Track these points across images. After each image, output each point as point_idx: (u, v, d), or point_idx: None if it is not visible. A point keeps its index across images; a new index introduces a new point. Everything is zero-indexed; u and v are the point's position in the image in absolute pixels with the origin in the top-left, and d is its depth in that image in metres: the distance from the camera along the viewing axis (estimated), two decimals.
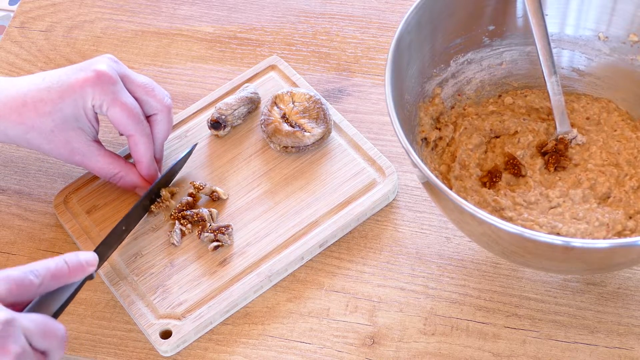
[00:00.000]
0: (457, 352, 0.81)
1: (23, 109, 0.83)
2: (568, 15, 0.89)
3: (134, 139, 0.86)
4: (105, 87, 0.83)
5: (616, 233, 0.81)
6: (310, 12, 1.05)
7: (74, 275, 0.75)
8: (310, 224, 0.87)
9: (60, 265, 0.73)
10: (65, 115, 0.84)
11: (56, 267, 0.73)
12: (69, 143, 0.85)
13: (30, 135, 0.84)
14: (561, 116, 0.88)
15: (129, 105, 0.85)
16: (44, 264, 0.72)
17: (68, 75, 0.84)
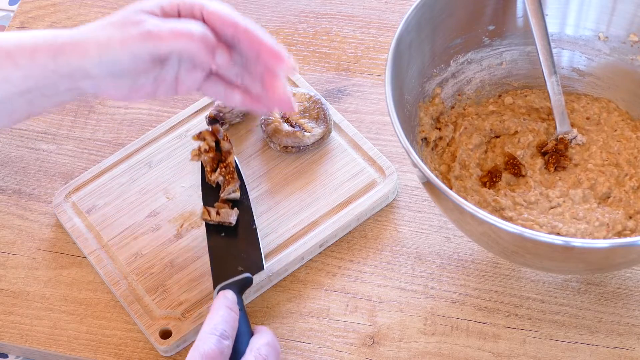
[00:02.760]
0: (457, 352, 0.81)
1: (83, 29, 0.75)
2: (568, 15, 0.89)
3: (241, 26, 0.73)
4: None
5: (616, 233, 0.81)
6: (310, 12, 1.05)
7: (236, 316, 0.78)
8: (310, 224, 0.87)
9: (230, 313, 0.77)
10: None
11: (230, 317, 0.76)
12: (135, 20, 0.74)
13: (102, 33, 0.74)
14: (561, 116, 0.88)
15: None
16: (220, 318, 0.76)
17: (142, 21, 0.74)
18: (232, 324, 0.75)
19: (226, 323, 0.75)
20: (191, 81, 0.77)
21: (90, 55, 0.73)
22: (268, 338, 0.76)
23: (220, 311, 0.76)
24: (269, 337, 0.77)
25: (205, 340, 0.73)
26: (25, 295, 0.87)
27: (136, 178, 0.91)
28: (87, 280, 0.87)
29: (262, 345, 0.75)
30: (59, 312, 0.85)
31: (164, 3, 0.75)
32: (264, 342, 0.76)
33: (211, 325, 0.74)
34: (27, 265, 0.88)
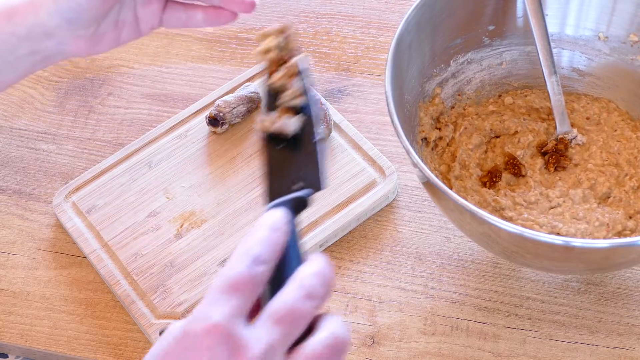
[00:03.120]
0: (457, 352, 0.81)
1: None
2: (568, 15, 0.89)
3: None
4: None
5: (616, 233, 0.81)
6: (310, 12, 1.05)
7: (284, 238, 0.59)
8: (310, 224, 0.87)
9: (273, 235, 0.58)
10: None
11: (272, 240, 0.58)
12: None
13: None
14: (561, 116, 0.88)
15: None
16: (259, 242, 0.57)
17: None
18: (273, 247, 0.58)
19: (265, 245, 0.58)
20: (150, 15, 0.77)
21: (45, 5, 0.72)
22: (318, 267, 0.58)
23: (260, 231, 0.58)
24: (320, 266, 0.58)
25: (234, 263, 0.56)
26: (25, 295, 0.87)
27: (136, 178, 0.91)
28: (87, 280, 0.87)
29: (309, 274, 0.57)
30: (59, 312, 0.85)
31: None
32: (312, 271, 0.57)
33: (245, 246, 0.57)
34: (27, 265, 0.88)
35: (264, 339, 0.53)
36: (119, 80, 1.01)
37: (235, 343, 0.52)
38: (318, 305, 0.56)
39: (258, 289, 0.55)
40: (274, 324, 0.54)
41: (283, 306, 0.54)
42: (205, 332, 0.52)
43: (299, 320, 0.54)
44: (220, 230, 0.88)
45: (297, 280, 0.56)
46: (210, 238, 0.87)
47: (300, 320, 0.55)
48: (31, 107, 0.99)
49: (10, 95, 1.00)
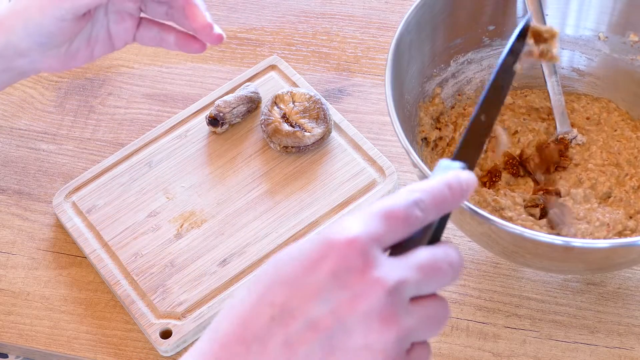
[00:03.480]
0: (457, 352, 0.81)
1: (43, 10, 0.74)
2: (568, 15, 0.89)
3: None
4: None
5: (616, 233, 0.81)
6: (310, 12, 1.05)
7: (455, 203, 0.57)
8: (310, 224, 0.87)
9: (444, 192, 0.56)
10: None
11: (441, 195, 0.56)
12: (97, 36, 0.77)
13: (19, 5, 0.74)
14: (561, 116, 0.88)
15: None
16: (428, 190, 0.55)
17: None
18: (438, 203, 0.55)
19: (432, 197, 0.55)
20: (124, 32, 0.78)
21: (15, 30, 0.73)
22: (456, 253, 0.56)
23: (437, 183, 0.56)
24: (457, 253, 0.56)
25: (396, 196, 0.55)
26: (25, 295, 0.87)
27: (136, 178, 0.91)
28: (87, 280, 0.87)
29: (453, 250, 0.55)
30: (59, 312, 0.85)
31: None
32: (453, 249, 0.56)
33: (415, 187, 0.56)
34: (27, 265, 0.88)
35: (398, 273, 0.52)
36: (119, 80, 1.01)
37: (370, 261, 0.52)
38: (451, 278, 0.55)
39: (406, 229, 0.54)
40: (412, 266, 0.53)
41: (428, 257, 0.54)
42: (346, 243, 0.52)
43: (435, 276, 0.54)
44: (220, 230, 0.88)
45: (443, 247, 0.55)
46: (210, 238, 0.87)
47: (436, 278, 0.54)
48: (31, 107, 0.99)
49: (10, 95, 1.00)
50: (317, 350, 0.51)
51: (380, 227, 0.53)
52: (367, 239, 0.52)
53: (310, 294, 0.51)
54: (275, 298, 0.52)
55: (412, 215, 0.54)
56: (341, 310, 0.51)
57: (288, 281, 0.52)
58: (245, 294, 0.53)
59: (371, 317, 0.51)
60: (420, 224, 0.55)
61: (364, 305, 0.51)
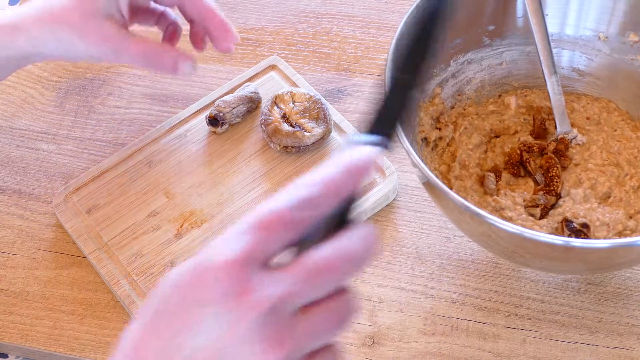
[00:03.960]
0: (457, 352, 0.81)
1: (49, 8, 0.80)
2: (568, 15, 0.89)
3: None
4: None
5: (616, 233, 0.81)
6: (310, 12, 1.05)
7: (356, 183, 0.52)
8: None
9: (339, 178, 0.51)
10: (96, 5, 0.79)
11: (335, 182, 0.51)
12: (100, 29, 0.80)
13: (60, 30, 0.79)
14: (561, 116, 0.88)
15: None
16: (318, 180, 0.51)
17: None
18: (334, 193, 0.51)
19: (326, 188, 0.51)
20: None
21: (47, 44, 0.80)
22: (367, 234, 0.51)
23: (332, 168, 0.52)
24: (369, 234, 0.51)
25: (278, 197, 0.50)
26: (25, 295, 0.87)
27: (136, 178, 0.91)
28: (87, 280, 0.87)
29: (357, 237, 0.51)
30: (59, 312, 0.85)
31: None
32: (359, 235, 0.51)
33: (302, 181, 0.52)
34: (27, 265, 0.88)
35: (278, 290, 0.49)
36: (119, 80, 1.01)
37: (244, 284, 0.49)
38: (353, 273, 0.50)
39: (291, 233, 0.50)
40: (296, 276, 0.50)
41: (316, 262, 0.50)
42: (217, 268, 0.49)
43: (327, 278, 0.50)
44: (220, 230, 0.88)
45: (341, 241, 0.51)
46: (210, 238, 0.87)
47: (328, 283, 0.50)
48: (31, 107, 0.99)
49: (10, 95, 1.00)
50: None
51: (254, 242, 0.49)
52: (240, 260, 0.49)
53: (189, 325, 0.49)
54: (159, 332, 0.50)
55: (296, 216, 0.50)
56: (221, 340, 0.49)
57: (168, 313, 0.50)
58: (137, 327, 0.52)
59: (253, 341, 0.48)
60: (313, 220, 0.50)
61: (243, 331, 0.48)
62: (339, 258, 0.50)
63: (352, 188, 0.51)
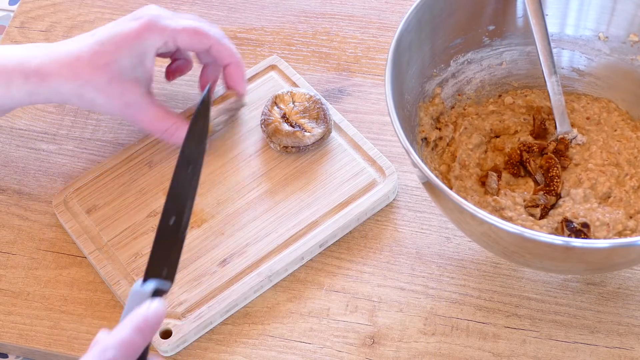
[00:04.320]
0: (457, 352, 0.81)
1: (77, 63, 0.82)
2: (568, 15, 0.89)
3: (214, 48, 0.87)
4: (160, 26, 0.84)
5: (616, 233, 0.81)
6: (310, 12, 1.05)
7: (147, 340, 0.64)
8: (310, 224, 0.87)
9: (133, 339, 0.63)
10: (122, 66, 0.83)
11: (130, 343, 0.63)
12: (123, 95, 0.84)
13: (85, 90, 0.83)
14: (561, 116, 0.88)
15: (190, 26, 0.85)
16: (117, 343, 0.62)
17: (119, 26, 0.84)
18: (130, 352, 0.63)
19: (124, 350, 0.62)
20: None
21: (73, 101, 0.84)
22: None
23: (125, 332, 0.63)
24: None
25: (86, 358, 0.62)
26: (25, 295, 0.87)
27: (136, 178, 0.91)
28: (87, 280, 0.87)
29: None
30: (59, 312, 0.85)
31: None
32: None
33: (106, 344, 0.62)
34: (27, 265, 0.88)
35: None
36: None
37: None
38: None
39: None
40: None
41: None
42: None
43: None
44: (220, 230, 0.88)
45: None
46: (210, 238, 0.87)
47: None
48: (31, 107, 0.99)
49: None
50: None
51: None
52: None
53: None
54: None
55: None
56: None
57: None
58: None
59: None
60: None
61: None
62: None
63: (145, 344, 0.63)
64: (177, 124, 0.86)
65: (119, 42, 0.83)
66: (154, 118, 0.86)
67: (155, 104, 0.86)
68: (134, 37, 0.83)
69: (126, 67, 0.83)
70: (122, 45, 0.83)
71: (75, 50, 0.83)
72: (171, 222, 0.68)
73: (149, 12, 0.85)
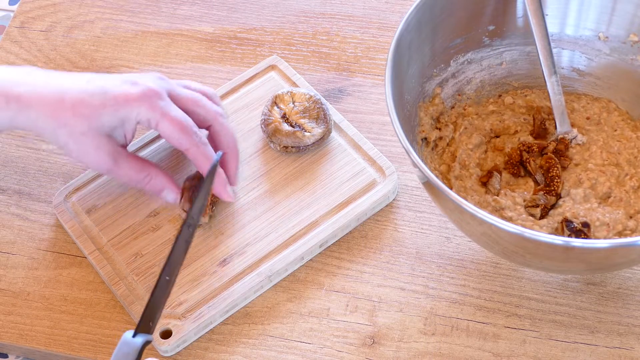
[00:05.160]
0: (457, 352, 0.81)
1: (59, 104, 0.81)
2: (568, 15, 0.89)
3: (191, 152, 0.84)
4: (152, 103, 0.82)
5: (616, 233, 0.81)
6: (310, 12, 1.05)
7: None
8: (310, 224, 0.87)
9: None
10: (101, 123, 0.82)
11: None
12: (98, 148, 0.83)
13: (59, 132, 0.82)
14: (561, 116, 0.88)
15: (178, 119, 0.83)
16: None
17: (114, 85, 0.83)
18: None
19: None
20: None
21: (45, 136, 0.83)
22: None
23: None
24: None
25: None
26: (25, 295, 0.87)
27: None
28: (87, 280, 0.87)
29: None
30: (59, 312, 0.85)
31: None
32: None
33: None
34: (27, 265, 0.88)
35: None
36: None
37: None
38: None
39: None
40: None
41: None
42: None
43: None
44: (220, 230, 0.88)
45: None
46: (210, 238, 0.87)
47: None
48: None
49: None
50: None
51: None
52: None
53: None
54: None
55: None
56: None
57: None
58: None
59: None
60: None
61: None
62: None
63: None
64: (151, 175, 0.85)
65: (107, 100, 0.82)
66: (127, 172, 0.85)
67: (129, 158, 0.85)
68: (123, 102, 0.82)
69: (105, 125, 0.82)
70: (108, 104, 0.82)
71: (62, 90, 0.82)
72: (166, 279, 0.75)
73: (150, 82, 0.84)
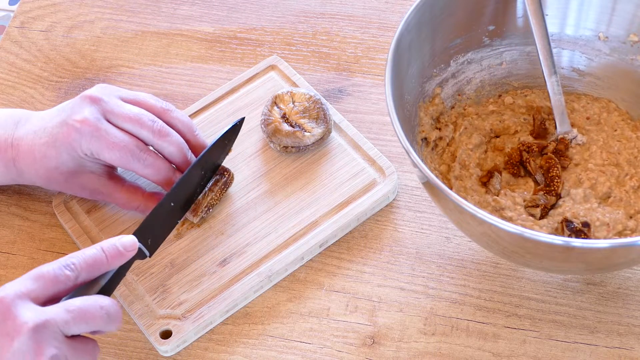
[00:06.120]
0: (457, 352, 0.81)
1: (36, 164, 0.85)
2: (568, 15, 0.89)
3: (139, 172, 0.85)
4: (88, 135, 0.83)
5: (616, 233, 0.81)
6: (310, 12, 1.05)
7: (112, 263, 0.75)
8: (310, 224, 0.87)
9: (97, 255, 0.74)
10: (70, 167, 0.85)
11: (93, 258, 0.74)
12: (85, 186, 0.86)
13: (49, 184, 0.86)
14: (561, 116, 0.88)
15: (118, 144, 0.83)
16: (81, 255, 0.73)
17: (58, 125, 0.84)
18: (91, 264, 0.73)
19: (85, 260, 0.73)
20: None
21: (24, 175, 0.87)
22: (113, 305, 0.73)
23: (97, 248, 0.74)
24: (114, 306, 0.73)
25: (55, 261, 0.72)
26: None
27: (136, 178, 0.91)
28: None
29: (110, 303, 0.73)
30: None
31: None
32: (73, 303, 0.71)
33: (76, 253, 0.73)
34: (27, 265, 0.88)
35: (44, 316, 0.68)
36: (119, 80, 1.01)
37: (14, 312, 0.68)
38: (106, 321, 0.72)
39: (57, 285, 0.71)
40: (61, 310, 0.69)
41: (77, 303, 0.70)
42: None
43: (86, 318, 0.70)
44: (220, 230, 0.88)
45: (95, 297, 0.72)
46: (210, 238, 0.87)
47: (87, 319, 0.70)
48: (31, 107, 0.99)
49: (10, 95, 1.00)
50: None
51: (29, 286, 0.70)
52: (14, 296, 0.69)
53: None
54: None
55: (61, 274, 0.71)
56: (4, 354, 0.68)
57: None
58: None
59: (22, 351, 0.68)
60: (72, 281, 0.72)
61: (15, 343, 0.68)
62: (95, 306, 0.71)
63: (110, 265, 0.74)
64: (143, 203, 0.87)
65: (58, 146, 0.84)
66: (119, 202, 0.87)
67: (118, 188, 0.87)
68: (65, 142, 0.83)
69: (74, 167, 0.85)
70: (61, 149, 0.84)
71: (32, 147, 0.85)
72: (171, 205, 0.81)
73: (80, 114, 0.83)
